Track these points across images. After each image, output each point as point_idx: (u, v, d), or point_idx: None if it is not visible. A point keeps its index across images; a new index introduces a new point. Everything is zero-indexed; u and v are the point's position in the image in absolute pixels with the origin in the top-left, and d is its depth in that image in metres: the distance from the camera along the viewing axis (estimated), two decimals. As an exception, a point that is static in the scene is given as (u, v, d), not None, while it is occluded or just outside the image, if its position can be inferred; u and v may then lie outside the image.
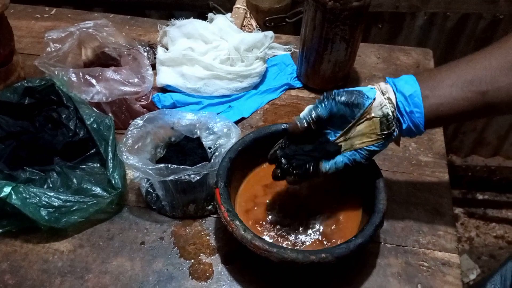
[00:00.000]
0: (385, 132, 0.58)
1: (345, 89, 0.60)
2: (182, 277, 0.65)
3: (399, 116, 0.57)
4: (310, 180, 0.63)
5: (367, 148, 0.59)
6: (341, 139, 0.60)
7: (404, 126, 0.58)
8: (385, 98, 0.57)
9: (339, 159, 0.61)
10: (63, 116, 0.78)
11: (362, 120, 0.58)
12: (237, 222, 0.59)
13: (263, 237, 0.64)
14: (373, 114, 0.57)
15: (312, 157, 0.61)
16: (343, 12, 0.80)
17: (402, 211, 0.73)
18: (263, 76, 0.95)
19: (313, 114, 0.60)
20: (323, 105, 0.59)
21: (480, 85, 0.54)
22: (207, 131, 0.75)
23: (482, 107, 0.55)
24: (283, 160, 0.62)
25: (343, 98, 0.59)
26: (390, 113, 0.57)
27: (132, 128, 0.70)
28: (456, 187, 1.76)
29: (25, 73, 0.92)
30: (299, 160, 0.61)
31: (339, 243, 0.60)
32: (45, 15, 1.13)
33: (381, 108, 0.57)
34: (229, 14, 1.04)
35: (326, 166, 0.61)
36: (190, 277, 0.65)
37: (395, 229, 0.71)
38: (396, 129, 0.58)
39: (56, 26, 1.08)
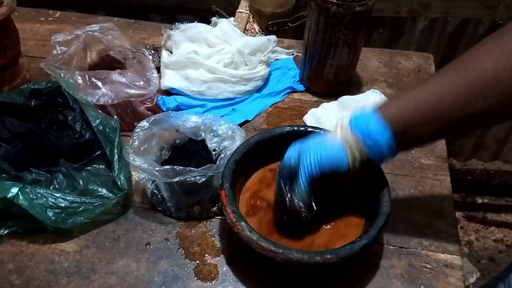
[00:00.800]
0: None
1: (321, 169, 0.59)
2: (188, 277, 0.66)
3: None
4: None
5: None
6: None
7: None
8: (356, 158, 0.58)
9: None
10: (69, 118, 0.78)
11: None
12: (243, 223, 0.60)
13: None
14: None
15: None
16: (346, 16, 0.81)
17: (404, 213, 0.74)
18: (266, 80, 0.96)
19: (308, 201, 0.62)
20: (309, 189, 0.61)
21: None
22: (212, 134, 0.75)
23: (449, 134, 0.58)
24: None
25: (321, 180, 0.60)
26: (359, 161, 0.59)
27: (138, 130, 0.71)
28: (455, 191, 1.77)
29: (30, 76, 0.93)
30: None
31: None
32: (49, 18, 1.14)
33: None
34: (232, 18, 1.05)
35: None
36: (196, 277, 0.66)
37: (398, 231, 0.72)
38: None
39: (61, 29, 1.09)
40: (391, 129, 0.56)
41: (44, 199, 0.67)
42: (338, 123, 0.60)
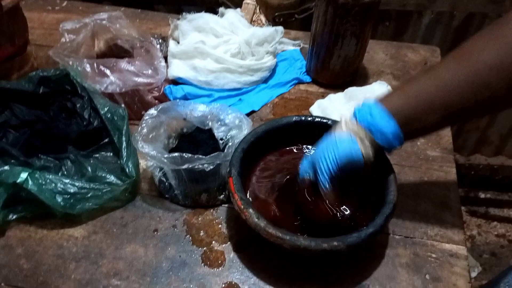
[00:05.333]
0: None
1: (339, 167, 0.59)
2: (195, 263, 0.67)
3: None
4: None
5: None
6: None
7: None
8: (367, 146, 0.59)
9: None
10: (78, 105, 0.79)
11: None
12: (251, 210, 0.60)
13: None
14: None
15: None
16: (354, 7, 0.81)
17: (410, 203, 0.75)
18: (273, 71, 0.97)
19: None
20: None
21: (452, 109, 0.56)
22: (219, 123, 0.76)
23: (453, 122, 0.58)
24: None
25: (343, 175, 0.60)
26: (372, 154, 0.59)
27: (147, 117, 0.71)
28: (458, 186, 1.77)
29: (38, 64, 0.93)
30: None
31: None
32: (56, 7, 1.14)
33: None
34: (238, 9, 1.05)
35: None
36: (203, 263, 0.67)
37: (404, 221, 0.72)
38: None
39: (67, 18, 1.08)
40: (394, 119, 0.57)
41: (53, 184, 0.67)
42: (342, 119, 0.61)
